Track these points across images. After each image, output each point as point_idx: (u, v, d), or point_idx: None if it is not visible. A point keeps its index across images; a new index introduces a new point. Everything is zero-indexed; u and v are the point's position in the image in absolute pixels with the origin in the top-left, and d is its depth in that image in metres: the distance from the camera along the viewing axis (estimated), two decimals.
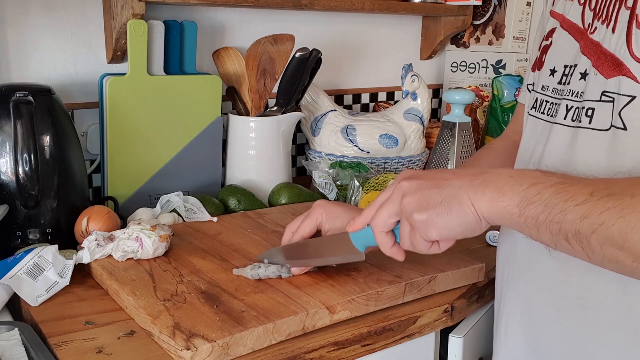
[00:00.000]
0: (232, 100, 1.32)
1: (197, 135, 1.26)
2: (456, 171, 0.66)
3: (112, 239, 0.89)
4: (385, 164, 1.39)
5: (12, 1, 1.14)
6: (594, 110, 0.68)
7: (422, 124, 1.42)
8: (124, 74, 1.17)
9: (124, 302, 0.78)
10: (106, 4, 1.21)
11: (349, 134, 1.40)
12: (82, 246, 0.89)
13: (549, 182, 0.58)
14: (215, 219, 1.09)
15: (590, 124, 0.68)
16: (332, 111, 1.43)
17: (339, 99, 1.64)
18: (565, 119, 0.72)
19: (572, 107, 0.71)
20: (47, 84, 1.01)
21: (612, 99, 0.65)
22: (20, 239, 0.95)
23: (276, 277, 0.82)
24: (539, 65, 0.81)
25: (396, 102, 1.56)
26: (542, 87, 0.78)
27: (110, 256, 0.88)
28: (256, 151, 1.29)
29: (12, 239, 0.94)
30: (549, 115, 0.75)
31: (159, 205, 1.12)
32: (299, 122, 1.38)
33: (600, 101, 0.67)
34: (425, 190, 0.64)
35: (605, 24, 0.68)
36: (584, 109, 0.69)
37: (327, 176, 1.30)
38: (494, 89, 1.59)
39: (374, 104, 1.72)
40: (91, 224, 0.96)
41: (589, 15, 0.71)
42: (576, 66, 0.71)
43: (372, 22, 1.66)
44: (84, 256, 0.87)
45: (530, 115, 0.81)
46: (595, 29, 0.69)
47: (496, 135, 1.59)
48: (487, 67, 1.74)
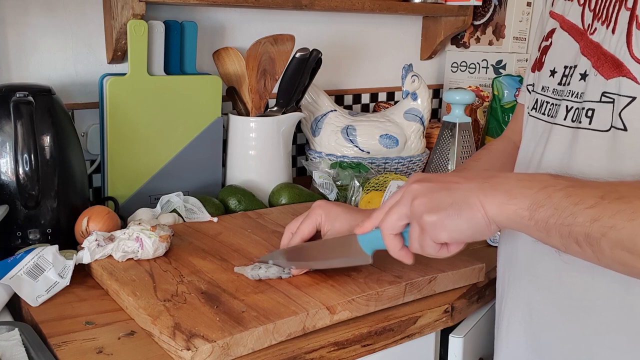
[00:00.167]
0: (232, 100, 1.32)
1: (197, 135, 1.26)
2: (466, 174, 0.67)
3: (112, 239, 0.89)
4: (385, 164, 1.39)
5: (12, 1, 1.14)
6: (593, 110, 0.67)
7: (422, 124, 1.42)
8: (124, 74, 1.17)
9: (124, 302, 0.78)
10: (106, 4, 1.21)
11: (349, 134, 1.40)
12: (82, 246, 0.89)
13: (558, 185, 0.58)
14: (215, 219, 1.09)
15: (590, 124, 0.68)
16: (332, 111, 1.43)
17: (339, 99, 1.64)
18: (565, 119, 0.72)
19: (572, 107, 0.71)
20: (47, 84, 1.01)
21: (612, 100, 0.65)
22: (20, 239, 0.95)
23: (276, 278, 0.82)
24: (538, 65, 0.81)
25: (396, 102, 1.56)
26: (542, 88, 0.78)
27: (110, 256, 0.88)
28: (256, 151, 1.29)
29: (12, 239, 0.94)
30: (549, 115, 0.75)
31: (159, 205, 1.12)
32: (299, 122, 1.38)
33: (600, 102, 0.67)
34: (435, 192, 0.64)
35: (605, 25, 0.68)
36: (583, 109, 0.69)
37: (327, 176, 1.29)
38: (494, 89, 1.59)
39: (374, 104, 1.72)
40: (91, 224, 0.96)
41: (589, 15, 0.71)
42: (576, 67, 0.71)
43: (372, 22, 1.66)
44: (84, 256, 0.87)
45: (530, 115, 0.80)
46: (594, 29, 0.69)
47: (496, 135, 1.59)
48: (487, 67, 1.74)
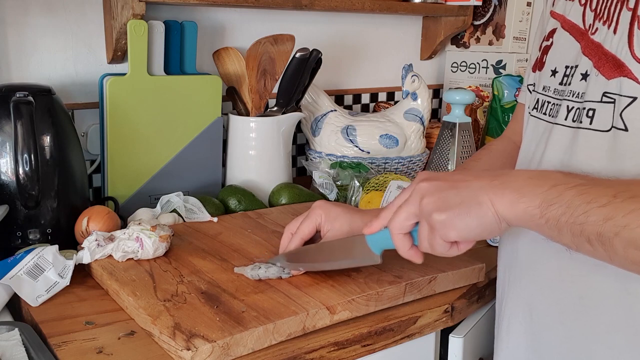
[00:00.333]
0: (232, 100, 1.32)
1: (197, 135, 1.26)
2: (475, 172, 0.66)
3: (112, 239, 0.89)
4: (385, 164, 1.39)
5: (12, 1, 1.14)
6: (594, 110, 0.67)
7: (422, 124, 1.42)
8: (124, 74, 1.17)
9: (124, 302, 0.78)
10: (106, 4, 1.21)
11: (349, 134, 1.40)
12: (82, 246, 0.89)
13: (570, 183, 0.58)
14: (215, 219, 1.09)
15: (590, 124, 0.68)
16: (332, 111, 1.43)
17: (339, 99, 1.64)
18: (565, 119, 0.72)
19: (573, 107, 0.71)
20: (47, 84, 1.01)
21: (613, 100, 0.65)
22: (20, 239, 0.95)
23: (276, 278, 0.82)
24: (539, 65, 0.81)
25: (396, 102, 1.56)
26: (543, 88, 0.78)
27: (110, 256, 0.88)
28: (256, 151, 1.29)
29: (12, 239, 0.94)
30: (550, 115, 0.75)
31: (159, 205, 1.12)
32: (299, 122, 1.38)
33: (601, 102, 0.67)
34: (444, 191, 0.63)
35: (606, 25, 0.68)
36: (584, 109, 0.69)
37: (327, 176, 1.29)
38: (494, 89, 1.59)
39: (374, 104, 1.72)
40: (91, 224, 0.96)
41: (590, 15, 0.71)
42: (577, 67, 0.71)
43: (372, 22, 1.66)
44: (84, 256, 0.87)
45: (531, 115, 0.80)
46: (596, 29, 0.69)
47: (496, 135, 1.59)
48: (487, 67, 1.74)
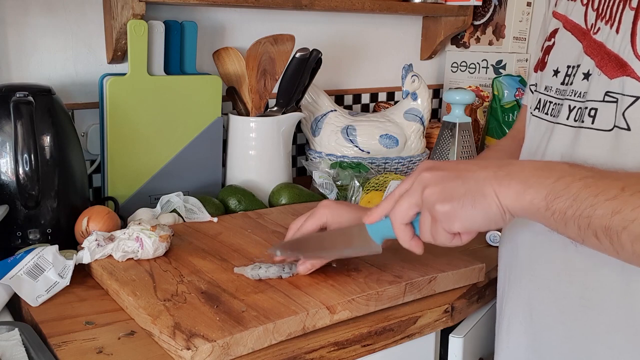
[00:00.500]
0: (232, 100, 1.32)
1: (197, 135, 1.26)
2: (479, 162, 0.65)
3: (112, 239, 0.89)
4: (385, 164, 1.39)
5: (12, 1, 1.14)
6: (596, 110, 0.67)
7: (422, 124, 1.42)
8: (124, 74, 1.17)
9: (124, 302, 0.78)
10: (106, 4, 1.21)
11: (349, 134, 1.40)
12: (82, 246, 0.89)
13: (577, 175, 0.57)
14: (215, 219, 1.09)
15: (592, 124, 0.68)
16: (332, 111, 1.43)
17: (339, 99, 1.64)
18: (567, 118, 0.71)
19: (575, 107, 0.71)
20: (47, 84, 1.01)
21: (615, 99, 0.65)
22: (20, 239, 0.95)
23: (276, 277, 0.82)
24: (541, 65, 0.81)
25: (396, 102, 1.56)
26: (545, 88, 0.78)
27: (110, 256, 0.88)
28: (256, 151, 1.29)
29: (12, 239, 0.94)
30: (552, 115, 0.75)
31: (159, 205, 1.12)
32: (299, 122, 1.38)
33: (603, 101, 0.66)
34: (448, 181, 0.62)
35: (608, 24, 0.67)
36: (586, 109, 0.69)
37: (327, 176, 1.29)
38: (494, 89, 1.59)
39: (374, 104, 1.72)
40: (91, 224, 0.96)
41: (592, 15, 0.71)
42: (579, 66, 0.71)
43: (372, 22, 1.66)
44: (84, 256, 0.87)
45: (533, 115, 0.80)
46: (598, 29, 0.69)
47: (496, 135, 1.59)
48: (487, 67, 1.74)
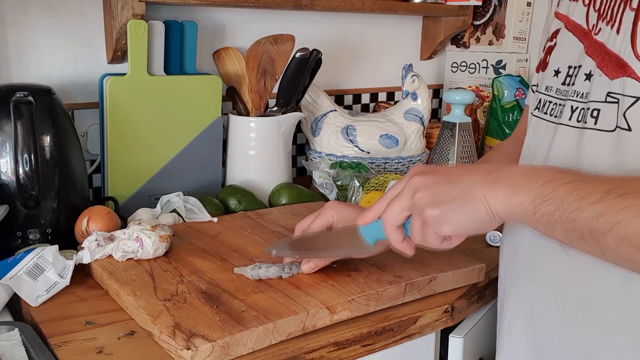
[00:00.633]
0: (232, 100, 1.32)
1: (197, 135, 1.26)
2: (469, 166, 0.66)
3: (112, 239, 0.89)
4: (385, 164, 1.39)
5: (12, 1, 1.14)
6: (599, 110, 0.67)
7: (422, 124, 1.42)
8: (124, 74, 1.17)
9: (124, 302, 0.78)
10: (106, 4, 1.21)
11: (349, 134, 1.40)
12: (82, 246, 0.89)
13: (564, 179, 0.58)
14: (215, 219, 1.09)
15: (595, 124, 0.68)
16: (332, 111, 1.43)
17: (339, 99, 1.64)
18: (570, 119, 0.71)
19: (577, 107, 0.71)
20: (47, 84, 1.01)
21: (616, 100, 0.65)
22: (20, 239, 0.95)
23: (276, 277, 0.82)
24: (542, 66, 0.81)
25: (396, 102, 1.56)
26: (545, 88, 0.78)
27: (110, 256, 0.88)
28: (256, 151, 1.29)
29: (12, 239, 0.94)
30: (553, 115, 0.75)
31: (159, 205, 1.12)
32: (299, 122, 1.38)
33: (605, 102, 0.67)
34: (438, 185, 0.64)
35: (609, 25, 0.67)
36: (589, 109, 0.69)
37: (327, 176, 1.29)
38: (494, 89, 1.59)
39: (374, 104, 1.72)
40: (91, 224, 0.96)
41: (593, 15, 0.71)
42: (580, 67, 0.71)
43: (372, 22, 1.66)
44: (84, 256, 0.87)
45: (533, 115, 0.80)
46: (599, 29, 0.69)
47: (496, 135, 1.59)
48: (487, 67, 1.74)
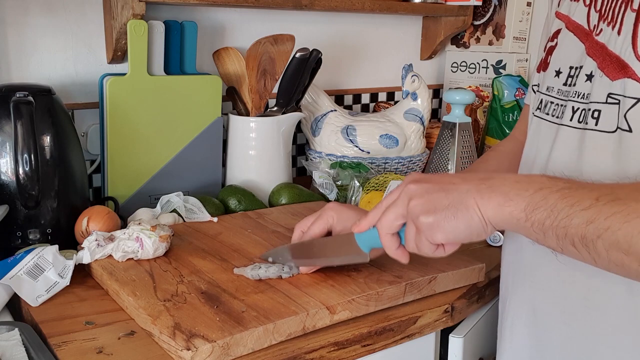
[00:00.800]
0: (232, 100, 1.32)
1: (197, 135, 1.26)
2: (463, 175, 0.67)
3: (112, 239, 0.89)
4: (385, 164, 1.39)
5: (12, 1, 1.14)
6: (600, 111, 0.67)
7: (422, 124, 1.42)
8: (124, 74, 1.17)
9: (124, 302, 0.78)
10: (106, 4, 1.21)
11: (349, 134, 1.40)
12: (82, 246, 0.89)
13: (554, 186, 0.58)
14: (215, 219, 1.09)
15: (596, 125, 0.68)
16: (332, 111, 1.43)
17: (339, 99, 1.64)
18: (571, 120, 0.72)
19: (578, 108, 0.71)
20: (47, 84, 1.01)
21: (617, 101, 0.65)
22: (20, 239, 0.95)
23: (276, 277, 0.82)
24: (543, 66, 0.81)
25: (396, 102, 1.56)
26: (546, 88, 0.78)
27: (110, 256, 0.88)
28: (256, 151, 1.29)
29: (12, 239, 0.94)
30: (554, 116, 0.75)
31: (159, 205, 1.12)
32: (299, 122, 1.38)
33: (606, 103, 0.67)
34: (432, 193, 0.64)
35: (610, 26, 0.67)
36: (590, 110, 0.69)
37: (327, 176, 1.29)
38: (494, 89, 1.59)
39: (374, 104, 1.72)
40: (91, 224, 0.96)
41: (594, 16, 0.71)
42: (581, 67, 0.71)
43: (372, 22, 1.66)
44: (84, 256, 0.87)
45: (534, 115, 0.81)
46: (600, 30, 0.69)
47: (496, 135, 1.59)
48: (487, 67, 1.74)
